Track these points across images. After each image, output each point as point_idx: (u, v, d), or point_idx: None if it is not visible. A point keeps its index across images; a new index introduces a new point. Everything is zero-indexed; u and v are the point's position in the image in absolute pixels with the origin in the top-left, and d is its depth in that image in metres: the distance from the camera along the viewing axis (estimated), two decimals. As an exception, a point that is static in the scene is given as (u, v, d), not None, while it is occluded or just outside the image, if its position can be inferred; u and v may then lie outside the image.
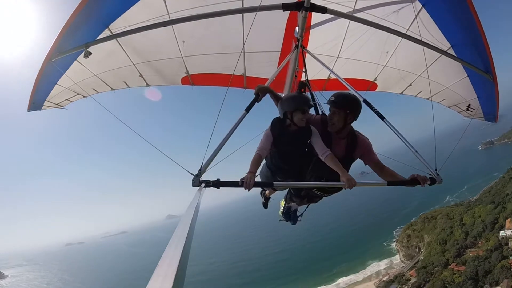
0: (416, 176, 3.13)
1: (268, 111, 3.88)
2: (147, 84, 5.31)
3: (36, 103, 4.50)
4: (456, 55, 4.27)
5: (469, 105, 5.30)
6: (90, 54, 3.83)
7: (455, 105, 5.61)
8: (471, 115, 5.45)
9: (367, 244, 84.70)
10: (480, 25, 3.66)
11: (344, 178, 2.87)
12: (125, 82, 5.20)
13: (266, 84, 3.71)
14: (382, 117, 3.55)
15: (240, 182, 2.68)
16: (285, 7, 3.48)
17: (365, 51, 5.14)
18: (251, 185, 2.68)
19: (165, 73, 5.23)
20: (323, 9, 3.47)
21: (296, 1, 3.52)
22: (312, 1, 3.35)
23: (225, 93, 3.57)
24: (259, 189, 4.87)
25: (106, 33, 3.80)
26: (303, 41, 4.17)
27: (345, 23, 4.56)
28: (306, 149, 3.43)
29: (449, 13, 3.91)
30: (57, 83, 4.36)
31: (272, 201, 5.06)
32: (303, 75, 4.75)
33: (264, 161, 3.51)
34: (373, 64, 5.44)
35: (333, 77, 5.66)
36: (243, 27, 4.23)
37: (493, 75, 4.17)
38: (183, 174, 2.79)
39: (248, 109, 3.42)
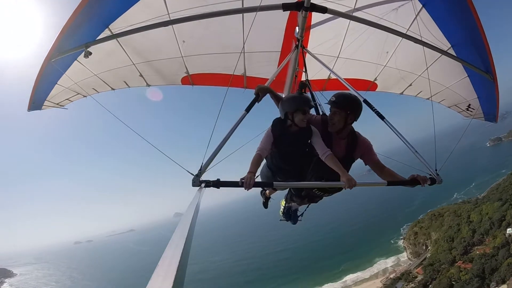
0: (416, 176, 3.13)
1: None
2: (147, 84, 5.31)
3: (36, 102, 4.50)
4: (456, 55, 4.27)
5: (469, 105, 5.30)
6: (90, 54, 3.83)
7: (455, 105, 5.61)
8: (471, 115, 5.44)
9: (374, 241, 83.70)
10: (480, 25, 3.66)
11: (344, 178, 2.87)
12: (125, 82, 5.20)
13: (266, 84, 3.71)
14: (382, 117, 3.55)
15: (240, 182, 2.69)
16: (285, 7, 3.48)
17: (365, 51, 5.14)
18: (251, 185, 2.68)
19: (165, 73, 5.23)
20: (323, 9, 3.46)
21: (296, 1, 3.52)
22: (312, 1, 3.35)
23: (225, 93, 3.58)
24: (260, 189, 4.87)
25: (106, 33, 3.80)
26: (303, 41, 4.16)
27: (345, 23, 4.56)
28: (307, 149, 3.44)
29: (449, 13, 3.91)
30: (57, 83, 4.36)
31: (272, 201, 5.06)
32: (303, 75, 4.75)
33: (264, 161, 3.51)
34: (373, 64, 5.43)
35: (333, 77, 5.66)
36: (243, 27, 4.23)
37: (493, 75, 4.17)
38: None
39: (248, 109, 3.42)
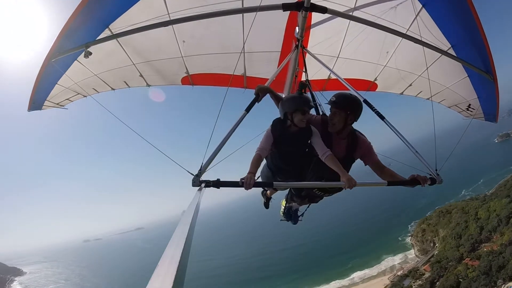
0: (416, 176, 3.13)
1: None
2: (147, 84, 5.31)
3: (36, 102, 4.50)
4: (456, 55, 4.27)
5: (469, 105, 5.29)
6: (90, 54, 3.83)
7: (455, 105, 5.61)
8: (471, 115, 5.44)
9: (382, 238, 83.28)
10: (480, 25, 3.65)
11: (344, 178, 2.87)
12: (125, 82, 5.20)
13: (266, 84, 3.71)
14: (382, 117, 3.55)
15: (240, 182, 2.69)
16: (285, 7, 3.48)
17: (365, 51, 5.14)
18: (251, 185, 2.68)
19: (165, 73, 5.23)
20: (323, 9, 3.46)
21: (296, 1, 3.52)
22: (312, 1, 3.35)
23: (225, 93, 3.58)
24: (261, 190, 4.88)
25: (106, 33, 3.79)
26: (303, 41, 4.16)
27: (345, 23, 4.56)
28: (307, 150, 3.43)
29: (449, 13, 3.91)
30: (58, 83, 4.36)
31: (273, 201, 5.06)
32: (303, 75, 4.75)
33: (264, 161, 3.51)
34: (373, 64, 5.43)
35: (333, 77, 5.66)
36: (243, 27, 4.23)
37: (493, 75, 4.17)
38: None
39: (248, 109, 3.42)
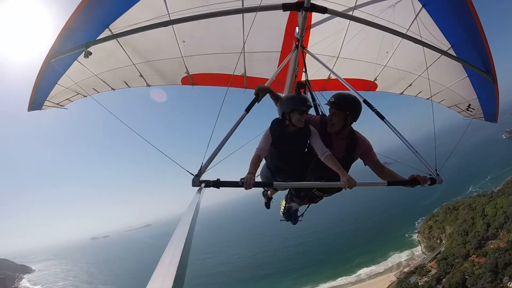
0: (416, 176, 3.13)
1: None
2: (147, 84, 5.31)
3: (36, 102, 4.49)
4: (456, 55, 4.27)
5: (469, 105, 5.29)
6: (90, 54, 3.83)
7: (455, 105, 5.61)
8: (471, 115, 5.44)
9: (388, 235, 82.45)
10: (480, 25, 3.66)
11: (344, 178, 2.87)
12: (125, 82, 5.20)
13: (266, 84, 3.71)
14: (382, 117, 3.55)
15: (240, 182, 2.69)
16: (285, 7, 3.48)
17: (365, 51, 5.14)
18: (251, 185, 2.69)
19: (165, 73, 5.23)
20: (323, 9, 3.47)
21: (296, 1, 3.52)
22: (312, 1, 3.35)
23: (225, 93, 3.58)
24: (262, 190, 4.88)
25: (107, 33, 3.79)
26: (303, 41, 4.16)
27: (345, 23, 4.56)
28: (306, 150, 3.43)
29: (449, 13, 3.91)
30: (58, 83, 4.35)
31: (274, 201, 5.07)
32: (303, 75, 4.75)
33: (264, 161, 3.51)
34: (373, 64, 5.43)
35: (333, 77, 5.65)
36: (243, 27, 4.23)
37: (493, 75, 4.17)
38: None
39: (248, 109, 3.42)
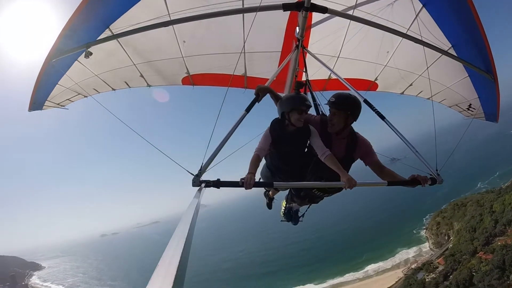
0: (416, 176, 3.13)
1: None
2: (147, 84, 5.31)
3: (37, 103, 4.50)
4: (457, 55, 4.26)
5: (470, 105, 5.29)
6: (91, 54, 3.83)
7: (456, 104, 5.60)
8: (472, 115, 5.43)
9: (396, 231, 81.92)
10: (481, 24, 3.65)
11: (344, 178, 2.86)
12: (125, 82, 5.20)
13: (266, 84, 3.70)
14: (383, 117, 3.55)
15: (240, 182, 2.70)
16: (285, 7, 3.48)
17: (365, 51, 5.13)
18: (251, 184, 2.69)
19: (165, 73, 5.23)
20: (323, 9, 3.46)
21: (296, 1, 3.52)
22: (312, 1, 3.35)
23: (225, 93, 3.58)
24: (264, 190, 4.88)
25: (107, 33, 3.80)
26: (303, 41, 4.16)
27: (345, 23, 4.55)
28: (306, 150, 3.43)
29: (449, 13, 3.90)
30: (58, 83, 4.36)
31: (275, 201, 5.07)
32: (303, 75, 4.75)
33: (264, 161, 3.51)
34: (373, 64, 5.42)
35: (333, 77, 5.65)
36: (243, 27, 4.23)
37: (494, 75, 4.16)
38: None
39: (248, 109, 3.42)
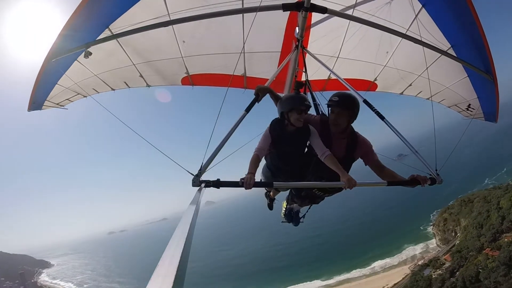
0: (416, 176, 3.13)
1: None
2: (147, 84, 5.31)
3: (36, 102, 4.50)
4: (456, 55, 4.27)
5: (469, 105, 5.30)
6: (91, 54, 3.84)
7: (455, 105, 5.61)
8: (471, 115, 5.44)
9: (403, 228, 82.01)
10: (480, 25, 3.66)
11: (344, 178, 2.86)
12: (125, 82, 5.20)
13: (266, 84, 3.71)
14: (382, 117, 3.55)
15: (240, 182, 2.69)
16: (285, 7, 3.48)
17: (365, 51, 5.14)
18: (251, 184, 2.69)
19: (165, 73, 5.23)
20: (323, 10, 3.47)
21: (296, 1, 3.52)
22: (312, 1, 3.35)
23: (225, 93, 3.58)
24: (264, 191, 4.88)
25: (107, 33, 3.79)
26: (303, 41, 4.17)
27: (345, 23, 4.56)
28: (306, 150, 3.43)
29: (449, 13, 3.90)
30: (58, 83, 4.35)
31: (277, 202, 5.06)
32: (303, 75, 4.75)
33: (264, 161, 3.51)
34: (373, 64, 5.43)
35: (333, 77, 5.65)
36: (243, 27, 4.23)
37: (493, 75, 4.17)
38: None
39: (248, 109, 3.42)
